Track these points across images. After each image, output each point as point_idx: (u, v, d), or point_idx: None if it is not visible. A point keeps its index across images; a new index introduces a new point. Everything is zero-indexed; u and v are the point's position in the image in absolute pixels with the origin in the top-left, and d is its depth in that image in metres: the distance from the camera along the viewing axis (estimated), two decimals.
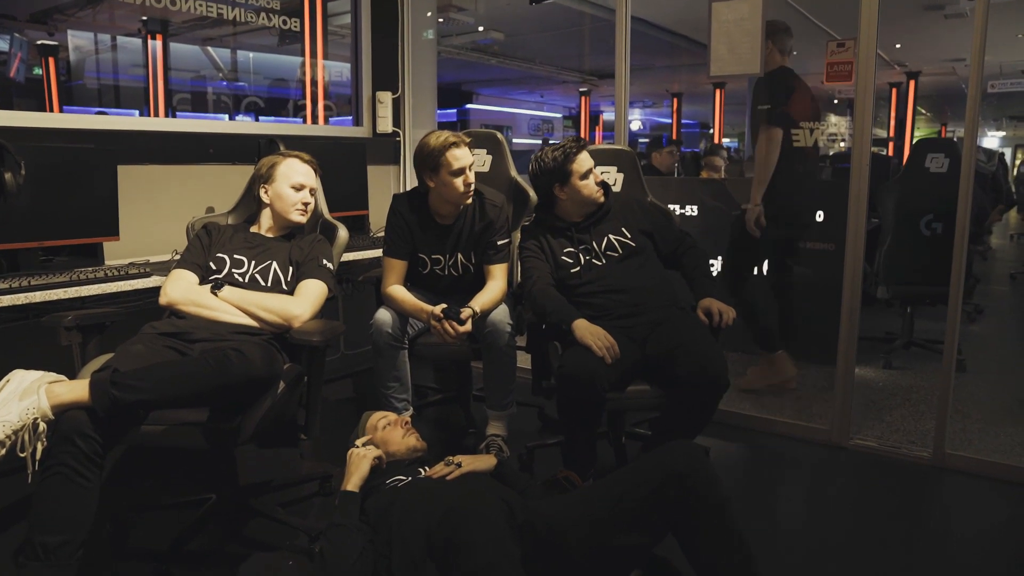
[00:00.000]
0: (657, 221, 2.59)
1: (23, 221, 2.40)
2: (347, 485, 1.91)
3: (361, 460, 1.94)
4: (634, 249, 2.48)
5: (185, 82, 7.52)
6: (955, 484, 2.64)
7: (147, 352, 1.89)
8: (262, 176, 2.37)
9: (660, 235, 2.55)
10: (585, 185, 2.47)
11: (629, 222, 2.53)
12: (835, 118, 16.10)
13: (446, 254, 2.65)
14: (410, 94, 4.00)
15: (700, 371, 2.11)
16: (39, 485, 1.59)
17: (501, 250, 2.63)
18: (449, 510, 1.64)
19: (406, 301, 2.54)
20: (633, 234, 2.50)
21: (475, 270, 2.67)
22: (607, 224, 2.52)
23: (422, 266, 2.67)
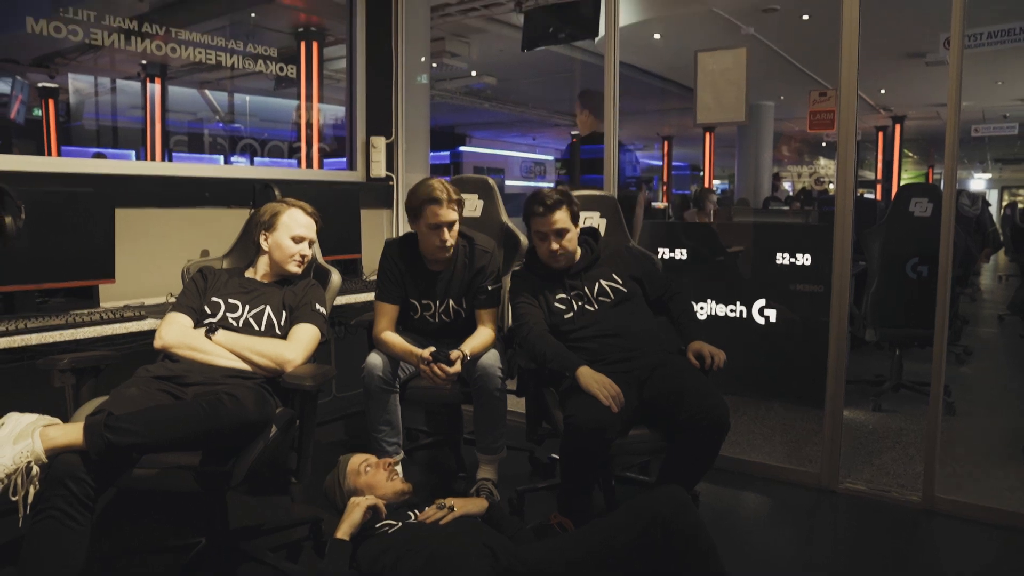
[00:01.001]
0: (645, 267, 2.65)
1: (20, 263, 2.43)
2: (338, 533, 1.91)
3: (354, 508, 1.95)
4: (626, 295, 2.53)
5: (182, 124, 7.62)
6: (945, 528, 2.65)
7: (141, 395, 1.91)
8: (263, 223, 2.40)
9: (648, 281, 2.60)
10: (539, 245, 2.54)
11: (619, 268, 2.58)
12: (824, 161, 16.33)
13: (436, 300, 2.69)
14: (403, 139, 4.08)
15: (702, 415, 2.14)
16: (30, 528, 1.59)
17: (492, 295, 2.67)
18: (432, 555, 1.65)
19: (396, 345, 2.57)
20: (624, 280, 2.55)
21: (466, 315, 2.70)
22: (598, 270, 2.57)
23: (413, 311, 2.71)
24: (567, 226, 2.49)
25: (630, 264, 2.62)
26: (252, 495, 2.76)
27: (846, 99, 2.77)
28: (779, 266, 3.99)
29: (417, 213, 2.54)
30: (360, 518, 1.93)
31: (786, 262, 3.97)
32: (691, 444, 2.18)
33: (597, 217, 2.92)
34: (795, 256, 3.95)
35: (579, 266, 2.58)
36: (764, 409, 3.96)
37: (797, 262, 3.94)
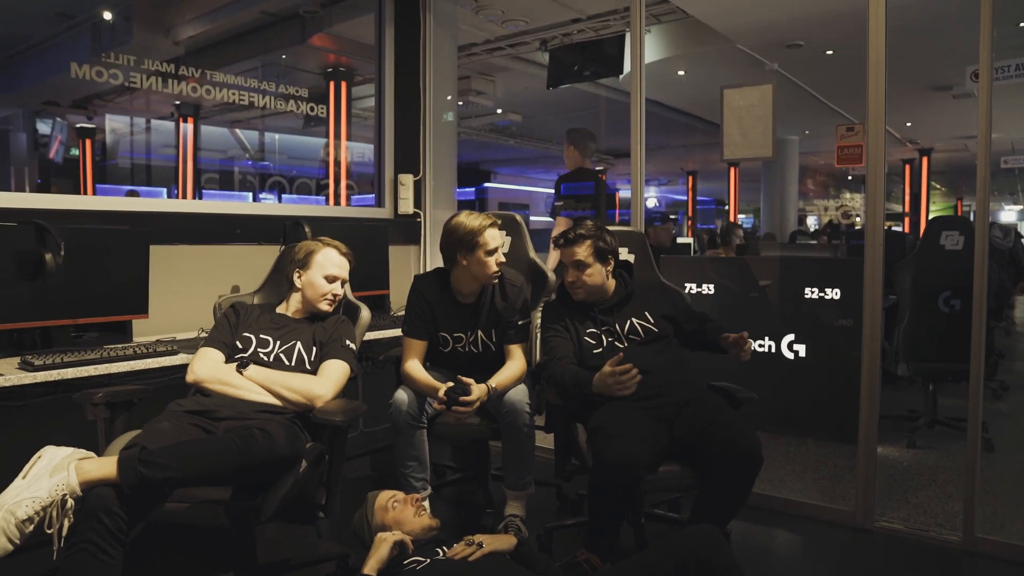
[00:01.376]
0: (677, 303, 2.66)
1: (57, 299, 2.48)
2: (365, 568, 1.90)
3: (381, 543, 1.94)
4: (657, 334, 2.51)
5: (213, 161, 7.81)
6: (988, 570, 2.56)
7: (173, 430, 1.92)
8: (298, 261, 2.43)
9: (683, 316, 2.60)
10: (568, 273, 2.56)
11: (652, 307, 2.57)
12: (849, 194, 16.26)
13: (467, 332, 2.69)
14: (430, 176, 4.13)
15: (735, 448, 2.12)
16: (63, 562, 1.61)
17: (521, 330, 2.68)
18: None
19: (420, 380, 2.58)
20: (656, 319, 2.54)
21: (496, 348, 2.71)
22: (631, 308, 2.56)
23: (444, 344, 2.71)
24: (587, 260, 2.51)
25: (662, 302, 2.61)
26: (281, 530, 2.76)
27: (874, 133, 2.76)
28: (808, 300, 3.95)
29: (474, 243, 2.54)
30: (387, 554, 1.92)
31: (815, 296, 3.93)
32: (724, 479, 2.15)
33: (625, 253, 2.92)
34: (824, 290, 3.91)
35: (611, 301, 2.58)
36: (795, 445, 3.89)
37: (826, 296, 3.90)
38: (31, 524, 1.58)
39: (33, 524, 1.59)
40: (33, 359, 2.19)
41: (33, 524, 1.59)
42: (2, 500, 1.60)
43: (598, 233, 2.54)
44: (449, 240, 2.60)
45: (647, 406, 2.30)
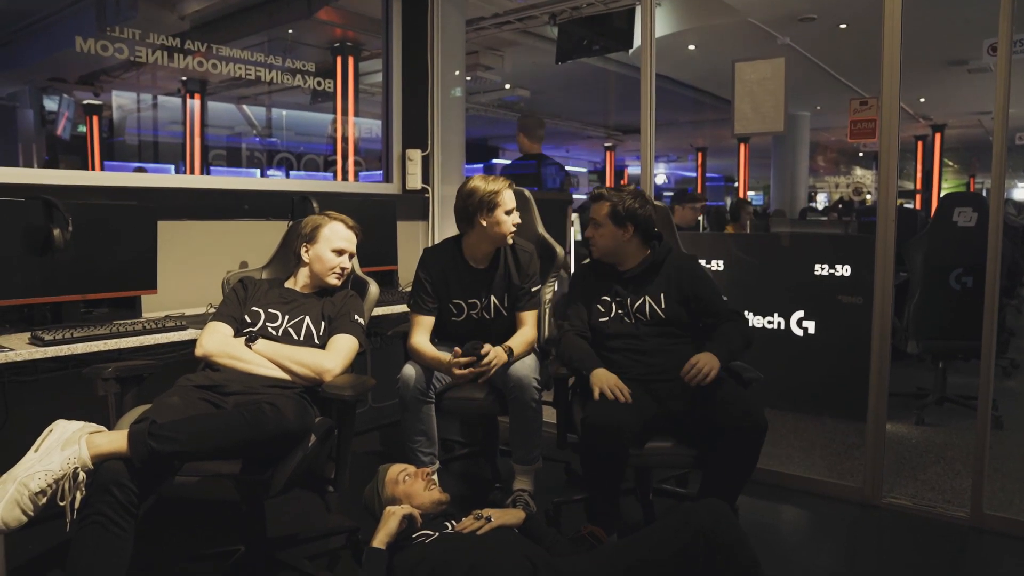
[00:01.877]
0: (698, 289, 2.49)
1: (66, 274, 2.49)
2: (374, 541, 1.91)
3: (390, 517, 1.95)
4: (664, 321, 2.46)
5: (220, 138, 7.78)
6: (996, 545, 2.57)
7: (183, 404, 1.93)
8: (305, 235, 2.43)
9: (698, 303, 2.48)
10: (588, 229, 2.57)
11: (671, 288, 2.48)
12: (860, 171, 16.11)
13: (481, 298, 2.70)
14: (439, 151, 4.11)
15: (744, 416, 2.14)
16: (76, 533, 1.62)
17: (533, 296, 2.71)
18: (473, 567, 1.63)
19: (427, 354, 2.59)
20: (669, 305, 2.46)
21: (507, 314, 2.72)
22: (651, 285, 2.49)
23: (457, 312, 2.71)
24: (600, 220, 2.51)
25: (682, 284, 2.50)
26: (291, 503, 2.78)
27: (888, 108, 2.72)
28: (818, 277, 3.92)
29: (492, 204, 2.57)
30: (396, 527, 1.93)
31: (825, 273, 3.91)
32: (732, 448, 2.16)
33: None
34: (834, 267, 3.89)
35: (632, 272, 2.53)
36: (803, 422, 3.89)
37: (837, 273, 3.87)
38: (44, 496, 1.60)
39: (46, 496, 1.60)
40: (43, 334, 2.21)
41: (46, 496, 1.60)
42: (15, 473, 1.62)
43: (619, 198, 2.50)
44: (468, 202, 2.61)
45: (636, 383, 2.32)
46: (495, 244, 2.67)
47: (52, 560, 2.36)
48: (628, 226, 2.50)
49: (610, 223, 2.50)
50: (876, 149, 2.77)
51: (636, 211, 2.49)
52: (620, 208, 2.49)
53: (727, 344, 2.35)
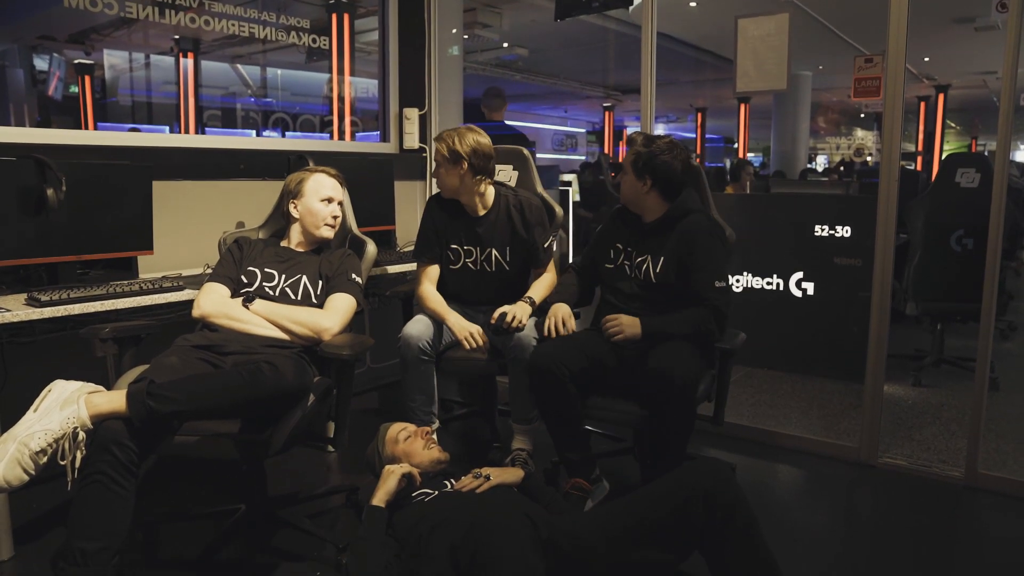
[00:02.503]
0: (698, 260, 2.34)
1: (62, 235, 2.46)
2: (374, 500, 1.93)
3: (389, 475, 1.95)
4: (652, 285, 2.42)
5: (215, 99, 7.67)
6: (989, 504, 2.59)
7: (181, 364, 1.93)
8: (291, 192, 2.42)
9: (689, 278, 2.35)
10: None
11: (672, 253, 2.38)
12: (861, 132, 15.97)
13: (477, 247, 2.70)
14: (436, 110, 4.05)
15: (663, 372, 2.12)
16: (77, 492, 1.63)
17: (548, 251, 2.72)
18: (474, 525, 1.64)
19: (437, 305, 2.64)
20: (664, 270, 2.39)
21: (511, 270, 2.70)
22: (658, 245, 2.42)
23: (455, 259, 2.72)
24: (626, 167, 2.46)
25: (681, 250, 2.36)
26: (290, 463, 2.80)
27: (894, 64, 2.67)
28: (818, 238, 3.91)
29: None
30: (395, 485, 1.94)
31: (825, 234, 3.89)
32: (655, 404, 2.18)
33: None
34: (835, 228, 3.87)
35: (650, 226, 2.46)
36: (801, 383, 3.91)
37: (837, 234, 3.86)
38: (44, 456, 1.60)
39: (46, 456, 1.60)
40: (40, 295, 2.19)
41: (46, 456, 1.60)
42: (15, 432, 1.62)
43: (643, 148, 2.42)
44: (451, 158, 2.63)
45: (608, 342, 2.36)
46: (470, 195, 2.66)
47: (55, 518, 2.38)
48: (647, 179, 2.41)
49: (631, 172, 2.44)
50: (878, 110, 2.74)
51: (656, 165, 2.38)
52: (641, 160, 2.41)
53: (666, 325, 2.29)
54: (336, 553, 2.10)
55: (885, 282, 2.80)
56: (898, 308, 3.95)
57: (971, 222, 3.79)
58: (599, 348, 2.35)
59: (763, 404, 3.57)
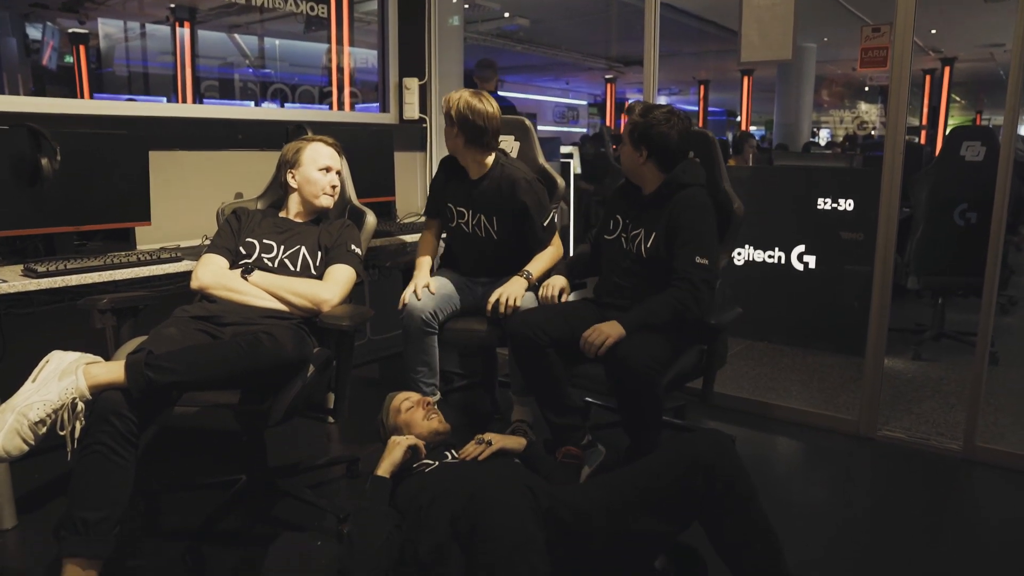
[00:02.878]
0: (684, 235, 2.30)
1: (58, 206, 2.44)
2: (379, 470, 1.93)
3: (395, 447, 1.96)
4: (643, 259, 2.39)
5: (212, 69, 7.59)
6: (986, 477, 2.61)
7: (180, 335, 1.92)
8: (288, 162, 2.40)
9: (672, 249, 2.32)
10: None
11: (663, 226, 2.35)
12: (865, 105, 15.84)
13: (468, 209, 2.71)
14: (436, 80, 4.00)
15: (623, 361, 2.12)
16: (78, 463, 1.63)
17: (548, 229, 2.69)
18: (473, 495, 1.64)
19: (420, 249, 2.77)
20: (655, 244, 2.36)
21: (499, 239, 2.68)
22: (653, 218, 2.38)
23: (450, 218, 2.76)
24: (624, 138, 2.43)
25: (671, 221, 2.33)
26: (291, 434, 2.81)
27: (902, 34, 2.63)
28: (820, 211, 3.88)
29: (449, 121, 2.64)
30: (400, 457, 1.94)
31: (828, 207, 3.86)
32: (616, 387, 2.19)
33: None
34: (837, 201, 3.84)
35: (647, 198, 2.43)
36: (800, 356, 3.91)
37: (840, 207, 3.83)
38: (43, 426, 1.59)
39: (46, 426, 1.60)
40: (36, 266, 2.18)
41: (46, 426, 1.60)
42: (13, 403, 1.61)
43: (639, 118, 2.37)
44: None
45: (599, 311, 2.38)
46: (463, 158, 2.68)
47: (56, 489, 2.39)
48: (643, 149, 2.37)
49: (628, 142, 2.41)
50: (883, 83, 2.69)
51: (652, 135, 2.34)
52: (637, 130, 2.37)
53: (646, 317, 2.24)
54: (337, 523, 2.11)
55: (888, 255, 2.79)
56: (899, 282, 3.94)
57: (975, 196, 3.76)
58: (588, 318, 2.32)
59: (763, 377, 3.57)
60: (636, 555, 1.60)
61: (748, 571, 1.53)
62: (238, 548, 2.08)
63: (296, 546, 2.09)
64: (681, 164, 2.40)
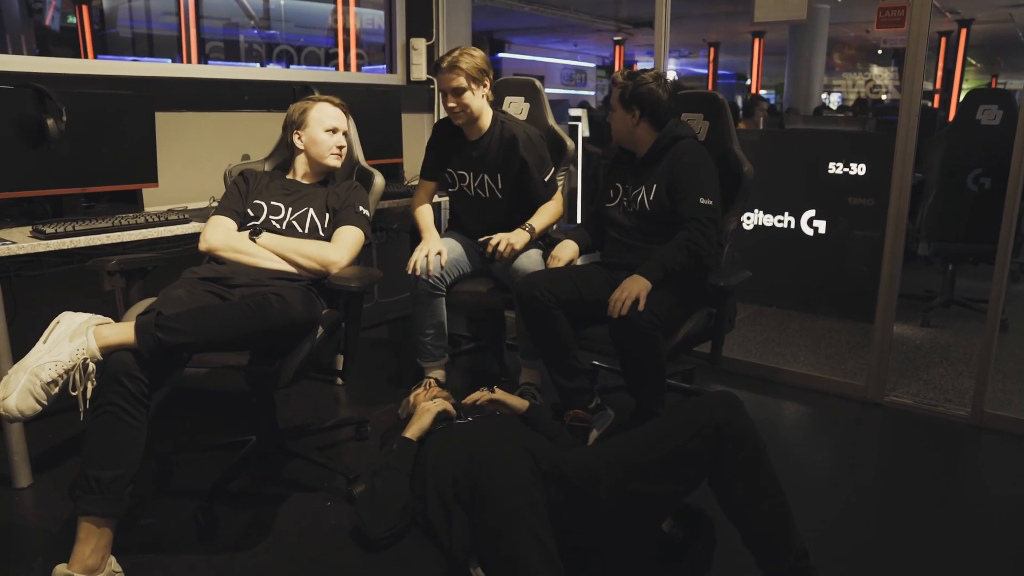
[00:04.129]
0: (684, 182, 2.34)
1: (65, 168, 2.42)
2: (407, 432, 1.95)
3: (424, 413, 1.99)
4: (649, 213, 2.42)
5: (217, 30, 7.50)
6: (994, 443, 2.61)
7: (189, 296, 1.92)
8: (294, 122, 2.37)
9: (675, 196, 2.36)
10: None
11: (663, 177, 2.39)
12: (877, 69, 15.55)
13: (470, 172, 2.69)
14: (444, 41, 3.94)
15: (628, 317, 2.12)
16: (91, 423, 1.64)
17: (549, 185, 2.67)
18: (473, 457, 1.66)
19: (421, 221, 2.71)
20: (657, 197, 2.39)
21: (503, 198, 2.68)
22: (652, 174, 2.42)
23: (452, 183, 2.74)
24: (614, 104, 2.48)
25: (671, 171, 2.38)
26: (301, 395, 2.83)
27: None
28: (831, 176, 3.84)
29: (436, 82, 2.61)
30: (428, 423, 1.98)
31: (839, 172, 3.82)
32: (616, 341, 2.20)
33: (700, 119, 2.61)
34: (849, 165, 3.80)
35: (642, 160, 2.47)
36: (809, 321, 3.91)
37: (851, 172, 3.79)
38: (56, 387, 1.60)
39: (58, 387, 1.60)
40: (45, 228, 2.17)
41: (58, 387, 1.60)
42: (25, 363, 1.62)
43: (629, 81, 2.42)
44: None
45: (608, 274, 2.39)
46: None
47: (69, 449, 2.42)
48: (634, 109, 2.41)
49: (619, 107, 2.45)
50: (896, 46, 2.64)
51: (642, 94, 2.39)
52: (627, 94, 2.42)
53: (663, 263, 2.24)
54: (346, 484, 2.13)
55: (900, 221, 2.76)
56: (910, 248, 3.91)
57: (990, 161, 3.71)
58: (597, 282, 2.35)
59: (771, 342, 3.57)
60: (644, 518, 1.61)
61: (756, 531, 1.54)
62: (249, 508, 2.10)
63: (307, 506, 2.11)
64: (672, 120, 2.45)
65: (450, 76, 2.52)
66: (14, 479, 2.18)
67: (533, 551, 1.44)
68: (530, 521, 1.49)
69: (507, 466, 1.62)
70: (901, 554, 1.93)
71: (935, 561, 1.91)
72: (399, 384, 2.98)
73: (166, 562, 1.85)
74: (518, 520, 1.49)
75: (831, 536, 2.00)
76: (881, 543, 1.98)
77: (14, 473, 2.17)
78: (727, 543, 1.72)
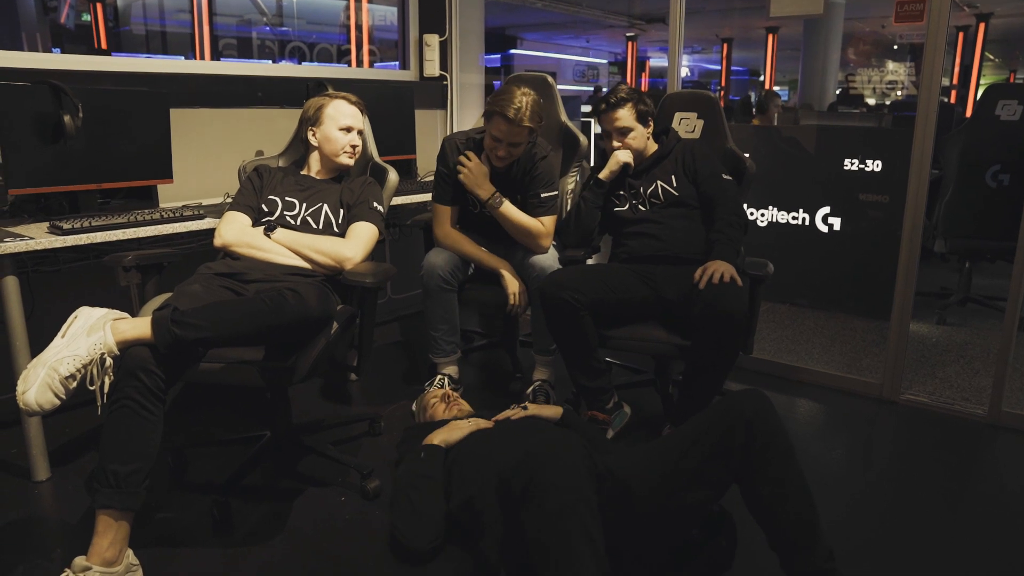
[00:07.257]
0: (703, 167, 2.49)
1: (81, 163, 2.44)
2: (435, 440, 1.94)
3: (455, 429, 1.98)
4: (677, 198, 2.48)
5: (230, 27, 7.53)
6: (1011, 442, 2.58)
7: (204, 292, 1.93)
8: (309, 119, 2.37)
9: (702, 180, 2.48)
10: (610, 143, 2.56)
11: (679, 169, 2.52)
12: (893, 65, 15.43)
13: None
14: (457, 37, 3.93)
15: (712, 305, 2.12)
16: (108, 417, 1.65)
17: (546, 203, 2.61)
18: (529, 452, 1.60)
19: (465, 245, 2.62)
20: (681, 183, 2.50)
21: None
22: (660, 169, 2.54)
23: (473, 206, 2.68)
24: (631, 124, 2.51)
25: (687, 161, 2.52)
26: (315, 391, 2.84)
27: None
28: (847, 172, 3.80)
29: (488, 117, 2.49)
30: (456, 439, 1.97)
31: (855, 168, 3.78)
32: (703, 339, 2.18)
33: (694, 118, 2.76)
34: (865, 162, 3.76)
35: (645, 164, 2.56)
36: (824, 318, 3.88)
37: (867, 168, 3.75)
38: (74, 381, 1.61)
39: (75, 381, 1.62)
40: (62, 224, 2.19)
41: (75, 381, 1.62)
42: (44, 358, 1.63)
43: (638, 96, 2.52)
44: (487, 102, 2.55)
45: (637, 269, 2.38)
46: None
47: (87, 443, 2.44)
48: (649, 122, 2.55)
49: (639, 124, 2.53)
50: (913, 40, 2.61)
51: (648, 106, 2.55)
52: (643, 106, 2.53)
53: (731, 244, 2.33)
54: (360, 479, 2.13)
55: (917, 218, 2.73)
56: (926, 245, 3.88)
57: (1010, 157, 3.67)
58: (624, 280, 2.35)
59: (785, 339, 3.55)
60: (678, 525, 1.60)
61: (783, 528, 1.52)
62: (264, 502, 2.11)
63: (321, 501, 2.12)
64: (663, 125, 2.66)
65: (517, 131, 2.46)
66: (33, 472, 2.20)
67: (585, 549, 1.42)
68: (585, 517, 1.46)
69: (567, 461, 1.56)
70: (917, 552, 1.92)
71: (951, 560, 1.90)
72: (412, 380, 2.99)
73: (182, 555, 1.86)
74: (571, 514, 1.46)
75: (846, 534, 1.99)
76: (896, 541, 1.97)
77: (33, 466, 2.20)
78: (747, 546, 1.71)
